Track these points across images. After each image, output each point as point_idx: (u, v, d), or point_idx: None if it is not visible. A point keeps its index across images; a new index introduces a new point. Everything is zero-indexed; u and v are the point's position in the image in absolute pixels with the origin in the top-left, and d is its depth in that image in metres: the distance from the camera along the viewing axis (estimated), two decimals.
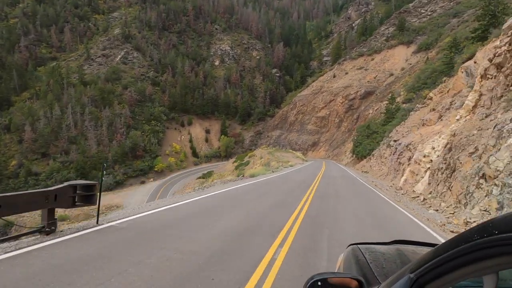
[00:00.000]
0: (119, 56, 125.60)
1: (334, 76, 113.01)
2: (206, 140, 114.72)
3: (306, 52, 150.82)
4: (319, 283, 1.19)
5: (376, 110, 77.42)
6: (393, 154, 29.82)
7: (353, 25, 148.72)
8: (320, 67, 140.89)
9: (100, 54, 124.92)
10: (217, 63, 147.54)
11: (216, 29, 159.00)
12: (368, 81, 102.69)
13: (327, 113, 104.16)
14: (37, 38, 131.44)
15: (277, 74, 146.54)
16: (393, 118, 46.97)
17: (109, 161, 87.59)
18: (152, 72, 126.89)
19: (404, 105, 51.35)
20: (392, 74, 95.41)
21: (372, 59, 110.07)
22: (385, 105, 60.62)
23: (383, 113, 58.22)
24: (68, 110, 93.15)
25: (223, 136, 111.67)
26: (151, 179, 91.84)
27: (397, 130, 37.41)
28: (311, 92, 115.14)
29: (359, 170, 46.37)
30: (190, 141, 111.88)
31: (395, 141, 31.86)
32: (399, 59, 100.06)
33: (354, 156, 56.32)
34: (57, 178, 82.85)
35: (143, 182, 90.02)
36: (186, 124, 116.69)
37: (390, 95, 62.91)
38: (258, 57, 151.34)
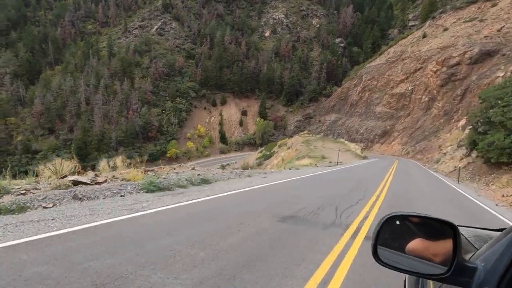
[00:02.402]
0: (156, 27, 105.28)
1: (424, 36, 71.75)
2: (241, 124, 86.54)
3: (384, 17, 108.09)
4: (397, 222, 1.02)
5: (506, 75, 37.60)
6: None
7: None
8: (402, 32, 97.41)
9: (137, 26, 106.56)
10: (267, 34, 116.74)
11: None
12: (485, 37, 59.64)
13: (409, 88, 64.70)
14: (85, 14, 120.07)
15: (341, 45, 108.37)
16: None
17: (112, 141, 65.93)
18: (189, 43, 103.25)
19: None
20: None
21: (494, 5, 65.16)
22: None
23: None
24: (81, 82, 74.69)
25: (259, 118, 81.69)
26: (163, 167, 67.17)
27: None
28: (386, 61, 75.91)
29: None
30: (221, 123, 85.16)
31: None
32: None
33: (480, 157, 20.15)
34: (51, 159, 62.62)
35: (146, 171, 65.82)
36: (218, 103, 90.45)
37: None
38: (318, 25, 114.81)
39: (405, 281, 1.62)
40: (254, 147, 79.94)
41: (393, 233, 1.02)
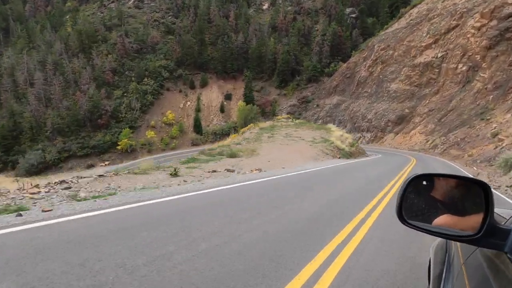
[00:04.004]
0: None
1: None
2: (222, 110, 69.41)
3: None
4: (424, 182, 0.98)
5: None
6: None
7: None
8: None
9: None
10: (265, 6, 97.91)
11: None
12: None
13: (438, 55, 44.73)
14: None
15: (353, 15, 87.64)
16: None
17: (48, 129, 51.57)
18: (170, 17, 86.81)
19: None
20: None
21: None
22: None
23: None
24: (24, 59, 60.65)
25: (241, 102, 64.37)
26: (106, 163, 52.93)
27: None
28: (407, 24, 55.92)
29: None
30: (197, 109, 68.59)
31: None
32: None
33: None
34: None
35: (91, 166, 52.04)
36: (198, 85, 73.86)
37: None
38: None
39: (429, 260, 1.43)
40: None
41: (419, 195, 0.98)
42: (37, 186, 7.59)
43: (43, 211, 4.42)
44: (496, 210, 0.95)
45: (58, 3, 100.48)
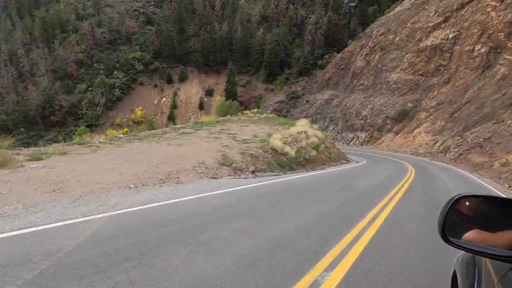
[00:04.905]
0: None
1: None
2: (201, 107, 61.17)
3: None
4: (467, 203, 0.96)
5: None
6: None
7: None
8: None
9: None
10: None
11: None
12: None
13: (449, 36, 35.37)
14: None
15: (352, 4, 78.63)
16: None
17: None
18: (151, 7, 79.10)
19: None
20: None
21: None
22: None
23: None
24: None
25: (219, 98, 56.02)
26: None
27: None
28: (411, 5, 46.81)
29: None
30: (173, 105, 60.51)
31: None
32: None
33: None
34: None
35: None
36: (176, 79, 65.67)
37: None
38: None
39: (453, 273, 1.36)
40: None
41: (457, 217, 0.95)
42: None
43: None
44: None
45: None
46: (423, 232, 4.32)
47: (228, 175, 7.65)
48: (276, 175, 9.11)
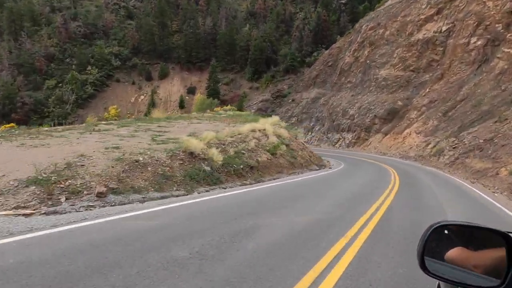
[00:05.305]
0: None
1: None
2: (182, 105, 57.30)
3: None
4: (446, 231, 0.93)
5: None
6: None
7: None
8: None
9: None
10: None
11: None
12: None
13: (442, 28, 32.19)
14: None
15: (342, 1, 75.65)
16: None
17: None
18: (133, 1, 74.96)
19: None
20: None
21: None
22: None
23: None
24: None
25: (199, 96, 52.28)
26: None
27: None
28: None
29: None
30: (152, 104, 56.38)
31: None
32: None
33: None
34: None
35: None
36: (156, 76, 61.57)
37: None
38: None
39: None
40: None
41: (437, 242, 0.93)
42: None
43: None
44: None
45: None
46: None
47: (24, 206, 3.94)
48: (161, 198, 5.44)
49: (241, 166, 8.84)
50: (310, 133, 45.15)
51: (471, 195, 9.25)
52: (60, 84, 53.96)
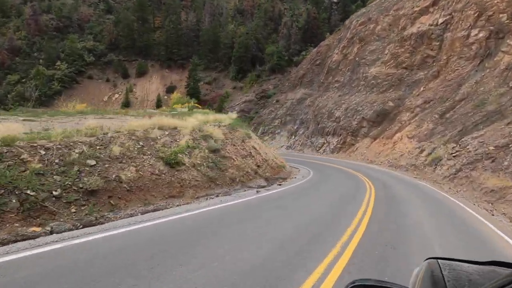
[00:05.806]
0: None
1: None
2: (159, 105, 52.73)
3: None
4: None
5: None
6: None
7: None
8: None
9: None
10: None
11: None
12: None
13: (438, 20, 28.00)
14: None
15: (334, 0, 72.28)
16: None
17: None
18: None
19: None
20: None
21: None
22: None
23: None
24: None
25: (175, 95, 47.94)
26: None
27: None
28: None
29: None
30: (126, 103, 51.96)
31: None
32: None
33: None
34: None
35: None
36: (134, 74, 57.05)
37: None
38: None
39: None
40: None
41: None
42: None
43: None
44: (438, 264, 0.83)
45: None
46: None
47: None
48: None
49: (57, 192, 4.37)
50: (293, 136, 40.96)
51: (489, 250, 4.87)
52: (24, 80, 49.22)
